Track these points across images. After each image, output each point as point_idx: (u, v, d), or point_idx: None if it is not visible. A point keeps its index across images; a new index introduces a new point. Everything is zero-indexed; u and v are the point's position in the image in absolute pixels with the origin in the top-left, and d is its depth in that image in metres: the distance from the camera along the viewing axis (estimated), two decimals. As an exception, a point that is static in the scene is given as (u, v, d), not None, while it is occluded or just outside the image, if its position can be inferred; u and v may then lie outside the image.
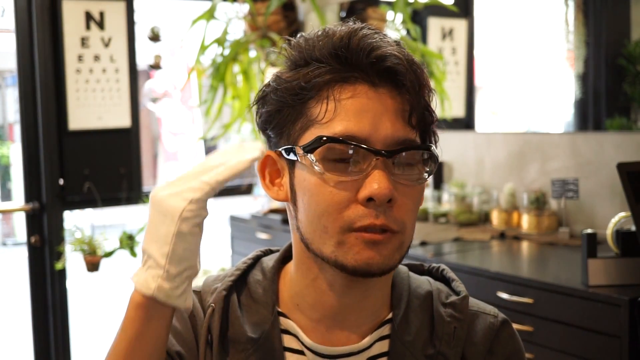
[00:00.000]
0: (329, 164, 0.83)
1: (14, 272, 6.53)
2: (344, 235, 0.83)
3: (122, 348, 0.80)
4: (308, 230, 0.86)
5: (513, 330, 0.98)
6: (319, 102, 0.85)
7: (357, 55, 0.84)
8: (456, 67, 3.91)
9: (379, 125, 0.83)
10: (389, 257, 0.84)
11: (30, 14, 2.91)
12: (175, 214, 0.78)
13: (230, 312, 0.92)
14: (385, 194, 0.81)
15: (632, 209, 1.96)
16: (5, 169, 8.67)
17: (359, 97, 0.84)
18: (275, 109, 0.88)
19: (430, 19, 3.78)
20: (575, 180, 2.69)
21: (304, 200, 0.86)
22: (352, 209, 0.83)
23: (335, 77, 0.85)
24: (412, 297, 0.95)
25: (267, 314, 0.91)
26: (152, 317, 0.80)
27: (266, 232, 3.44)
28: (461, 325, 0.93)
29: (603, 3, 4.05)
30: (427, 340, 0.93)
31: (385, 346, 0.92)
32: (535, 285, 2.28)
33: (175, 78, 7.94)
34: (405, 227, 0.85)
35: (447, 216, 3.34)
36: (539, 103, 4.86)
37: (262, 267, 0.97)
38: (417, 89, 0.85)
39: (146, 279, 0.79)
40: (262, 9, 2.92)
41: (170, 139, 9.94)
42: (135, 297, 0.80)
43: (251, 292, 0.94)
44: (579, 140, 3.02)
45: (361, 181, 0.83)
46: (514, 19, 4.90)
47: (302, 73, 0.86)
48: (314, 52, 0.86)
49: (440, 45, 3.84)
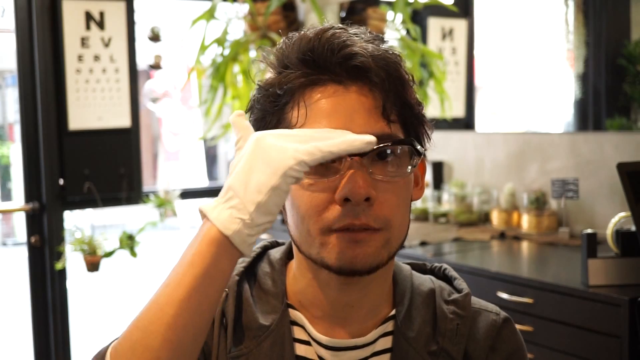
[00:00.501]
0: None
1: (14, 272, 6.53)
2: (325, 236, 0.84)
3: (188, 282, 0.75)
4: (295, 234, 0.88)
5: (515, 327, 0.99)
6: (293, 107, 0.87)
7: (323, 57, 0.85)
8: (456, 67, 3.91)
9: (351, 124, 0.83)
10: (373, 255, 0.84)
11: (30, 14, 2.91)
12: (280, 168, 0.75)
13: (243, 299, 0.93)
14: (360, 194, 0.81)
15: (632, 209, 1.96)
16: (5, 169, 8.67)
17: (329, 98, 0.85)
18: (259, 117, 0.90)
19: (430, 19, 3.78)
20: (575, 180, 2.69)
21: (289, 205, 0.88)
22: (331, 210, 0.83)
23: (305, 81, 0.86)
24: (414, 294, 0.96)
25: (277, 304, 0.93)
26: (223, 257, 0.76)
27: (266, 232, 3.45)
28: (464, 322, 0.94)
29: (603, 3, 4.05)
30: (429, 337, 0.93)
31: (388, 342, 0.93)
32: (535, 285, 2.28)
33: (175, 78, 7.94)
34: (390, 223, 0.85)
35: (447, 216, 3.34)
36: (539, 103, 4.86)
37: (270, 259, 0.98)
38: (387, 84, 0.85)
39: (228, 219, 0.76)
40: (262, 9, 2.92)
41: (170, 138, 9.94)
42: (210, 232, 0.76)
43: (261, 284, 0.95)
44: (579, 140, 3.02)
45: (338, 182, 0.83)
46: (514, 19, 4.90)
47: (277, 80, 0.88)
48: (285, 57, 0.88)
49: (440, 45, 3.84)
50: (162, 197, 3.18)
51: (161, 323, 0.75)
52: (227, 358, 0.90)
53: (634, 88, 3.85)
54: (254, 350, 0.90)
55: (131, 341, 0.76)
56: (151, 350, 0.75)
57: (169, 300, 0.76)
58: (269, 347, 0.90)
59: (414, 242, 2.88)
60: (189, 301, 0.75)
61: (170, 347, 0.75)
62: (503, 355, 0.95)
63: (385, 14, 3.15)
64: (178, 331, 0.75)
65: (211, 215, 0.77)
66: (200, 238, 0.77)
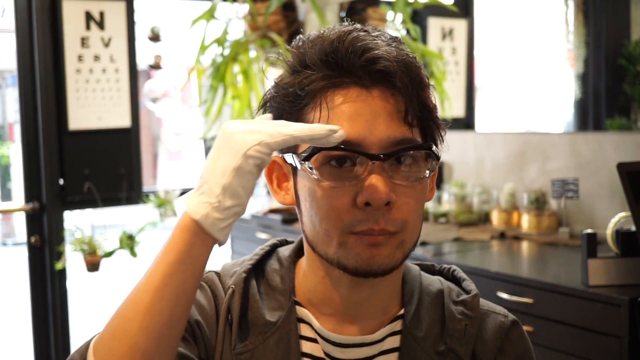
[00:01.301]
0: (326, 170, 0.84)
1: (14, 272, 6.53)
2: (345, 237, 0.85)
3: (163, 269, 0.78)
4: (312, 234, 0.88)
5: (522, 330, 0.99)
6: (313, 109, 0.86)
7: (347, 60, 0.84)
8: (456, 67, 3.91)
9: (373, 128, 0.84)
10: (389, 257, 0.85)
11: (30, 14, 2.91)
12: (241, 149, 0.77)
13: (249, 296, 0.93)
14: (382, 199, 0.82)
15: (632, 209, 1.96)
16: (5, 169, 8.67)
17: (351, 101, 0.84)
18: (275, 116, 0.89)
19: (430, 19, 3.78)
20: (575, 180, 2.69)
21: (306, 206, 0.88)
22: (352, 214, 0.84)
23: (327, 84, 0.85)
24: (423, 295, 0.97)
25: (285, 301, 0.93)
26: (195, 244, 0.79)
27: (266, 232, 3.44)
28: (472, 323, 0.94)
29: (603, 3, 4.05)
30: (437, 337, 0.94)
31: (396, 341, 0.94)
32: (535, 285, 2.28)
33: (175, 78, 7.94)
34: (406, 225, 0.86)
35: (447, 216, 3.34)
36: (539, 103, 4.86)
37: (279, 257, 0.98)
38: (410, 88, 0.85)
39: (197, 204, 0.78)
40: (262, 9, 2.92)
41: (171, 138, 9.94)
42: (183, 220, 0.79)
43: (269, 281, 0.96)
44: (579, 140, 3.02)
45: (359, 186, 0.83)
46: (514, 19, 4.90)
47: (297, 80, 0.87)
48: (307, 58, 0.87)
49: (440, 45, 3.84)
50: (162, 197, 3.18)
51: (138, 309, 0.78)
52: (232, 354, 0.90)
53: (634, 88, 3.85)
54: (259, 346, 0.91)
55: (111, 328, 0.79)
56: (129, 337, 0.77)
57: (145, 287, 0.78)
58: (275, 344, 0.91)
59: (414, 242, 2.88)
60: (164, 288, 0.78)
61: (147, 332, 0.77)
62: (511, 357, 0.96)
63: (385, 14, 3.15)
64: (154, 317, 0.77)
65: (184, 202, 0.79)
66: (175, 226, 0.80)
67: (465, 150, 3.56)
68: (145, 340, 0.77)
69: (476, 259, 2.67)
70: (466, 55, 3.94)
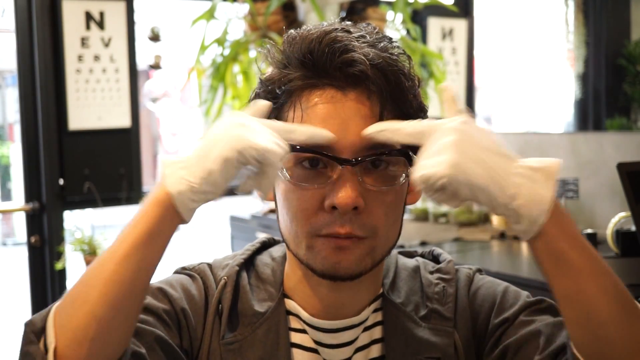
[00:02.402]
0: (299, 171, 0.85)
1: (14, 272, 6.53)
2: (312, 240, 0.85)
3: (130, 240, 0.78)
4: (285, 233, 0.89)
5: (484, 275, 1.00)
6: (290, 108, 0.87)
7: (323, 61, 0.84)
8: (456, 67, 3.91)
9: (346, 131, 0.83)
10: (356, 262, 0.85)
11: (30, 14, 2.90)
12: (237, 144, 0.77)
13: (240, 287, 0.94)
14: (348, 204, 0.82)
15: (632, 209, 1.96)
16: (5, 169, 8.67)
17: (326, 103, 0.84)
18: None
19: (430, 19, 3.78)
20: (575, 180, 2.69)
21: (279, 205, 0.89)
22: (319, 216, 0.84)
23: (303, 84, 0.85)
24: (399, 270, 0.98)
25: (274, 292, 0.93)
26: (165, 218, 0.78)
27: (266, 232, 3.44)
28: (449, 284, 0.95)
29: (603, 3, 4.05)
30: (418, 304, 0.94)
31: (379, 316, 0.94)
32: (535, 285, 2.28)
33: (175, 78, 7.94)
34: (376, 231, 0.85)
35: (447, 216, 3.34)
36: (539, 103, 4.86)
37: (271, 253, 0.99)
38: (385, 92, 0.84)
39: (177, 179, 0.77)
40: (262, 9, 2.92)
41: (169, 139, 9.94)
42: (158, 194, 0.78)
43: (259, 273, 0.96)
44: (579, 140, 3.02)
45: (328, 189, 0.83)
46: (514, 19, 4.90)
47: (277, 78, 0.88)
48: (287, 56, 0.88)
49: (440, 45, 3.84)
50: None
51: (100, 278, 0.77)
52: (220, 344, 0.91)
53: (634, 88, 3.85)
54: (248, 337, 0.91)
55: (72, 294, 0.79)
56: (88, 304, 0.77)
57: (111, 256, 0.78)
58: (264, 334, 0.91)
59: (414, 242, 2.88)
60: (128, 259, 0.77)
61: (106, 301, 0.76)
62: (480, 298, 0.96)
63: (385, 14, 3.15)
64: (115, 286, 0.77)
65: (165, 171, 0.78)
66: (149, 197, 0.79)
67: (465, 150, 3.55)
68: (104, 308, 0.76)
69: (476, 259, 2.67)
70: (466, 55, 3.94)
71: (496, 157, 0.75)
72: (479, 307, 0.94)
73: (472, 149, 0.75)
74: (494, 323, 0.92)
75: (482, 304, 0.94)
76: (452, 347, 0.92)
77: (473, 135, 0.76)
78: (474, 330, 0.94)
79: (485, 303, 0.94)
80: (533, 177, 0.75)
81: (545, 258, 0.77)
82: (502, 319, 0.91)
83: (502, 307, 0.93)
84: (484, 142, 0.76)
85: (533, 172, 0.75)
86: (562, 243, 0.76)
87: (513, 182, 0.74)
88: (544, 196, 0.75)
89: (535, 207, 0.74)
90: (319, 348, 0.92)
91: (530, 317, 0.89)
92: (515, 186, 0.74)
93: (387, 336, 0.93)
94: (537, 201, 0.75)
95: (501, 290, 0.95)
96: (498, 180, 0.74)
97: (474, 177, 0.74)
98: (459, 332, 0.93)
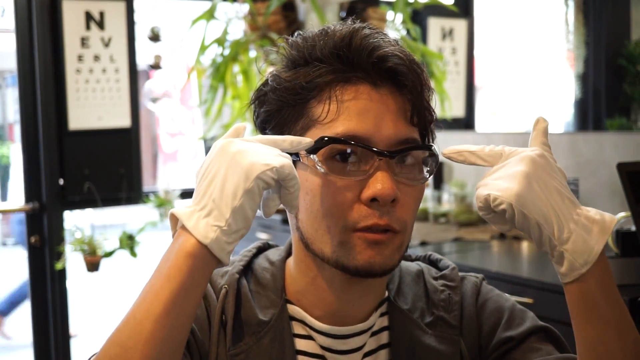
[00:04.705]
0: (332, 165, 0.84)
1: (14, 272, 6.53)
2: (346, 236, 0.84)
3: (166, 297, 0.74)
4: (309, 231, 0.87)
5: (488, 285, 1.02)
6: (320, 102, 0.85)
7: (358, 55, 0.84)
8: (456, 67, 3.91)
9: (381, 125, 0.84)
10: (390, 257, 0.85)
11: (30, 14, 2.90)
12: (253, 172, 0.75)
13: (242, 295, 0.92)
14: (389, 194, 0.82)
15: (632, 209, 1.96)
16: (5, 169, 8.67)
17: (360, 97, 0.84)
18: (275, 109, 0.88)
19: (430, 19, 3.78)
20: (575, 180, 2.69)
21: (307, 200, 0.86)
22: (356, 210, 0.83)
23: (337, 77, 0.85)
24: (404, 274, 0.98)
25: (276, 299, 0.92)
26: (199, 268, 0.76)
27: (266, 232, 3.44)
28: (454, 291, 0.96)
29: (603, 3, 4.05)
30: (423, 310, 0.95)
31: (385, 321, 0.94)
32: (535, 285, 2.28)
33: (175, 78, 7.94)
34: (407, 226, 0.86)
35: (447, 216, 3.34)
36: (539, 103, 4.86)
37: (268, 257, 0.98)
38: (418, 89, 0.86)
39: (205, 228, 0.75)
40: (262, 9, 2.92)
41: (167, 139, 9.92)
42: (187, 244, 0.75)
43: (259, 279, 0.95)
44: (579, 140, 3.02)
45: (364, 182, 0.83)
46: (514, 19, 4.90)
47: (302, 72, 0.86)
48: (315, 52, 0.86)
49: (440, 45, 3.84)
50: (162, 197, 3.18)
51: (139, 339, 0.74)
52: (227, 355, 0.89)
53: (634, 88, 3.85)
54: (253, 346, 0.90)
55: (109, 357, 0.74)
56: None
57: (147, 315, 0.74)
58: (269, 343, 0.90)
59: (414, 242, 2.88)
60: (167, 316, 0.75)
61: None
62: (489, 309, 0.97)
63: (385, 14, 3.15)
64: (156, 346, 0.74)
65: (188, 225, 0.76)
66: (177, 250, 0.76)
67: (465, 150, 3.55)
68: None
69: (476, 259, 2.67)
70: (466, 55, 3.94)
71: (560, 198, 0.78)
72: (486, 318, 0.96)
73: (541, 184, 0.78)
74: (500, 337, 0.94)
75: (489, 316, 0.96)
76: (458, 356, 0.93)
77: (545, 171, 0.79)
78: (478, 340, 0.95)
79: (492, 316, 0.96)
80: (588, 227, 0.78)
81: (576, 303, 0.80)
82: (508, 336, 0.93)
83: (509, 324, 0.95)
84: (554, 180, 0.79)
85: (590, 223, 0.78)
86: (596, 293, 0.79)
87: (569, 227, 0.77)
88: (593, 248, 0.77)
89: (581, 257, 0.77)
90: (327, 354, 0.92)
91: (538, 344, 0.93)
92: (570, 231, 0.77)
93: (394, 343, 0.93)
94: (586, 252, 0.77)
95: (509, 307, 0.97)
96: (556, 222, 0.77)
97: (534, 212, 0.76)
98: (464, 340, 0.94)
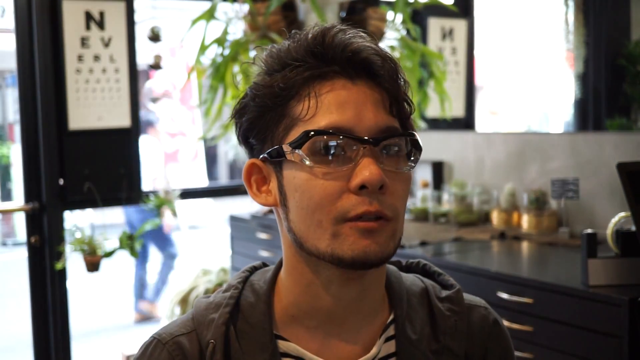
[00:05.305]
0: (317, 158, 0.84)
1: (14, 272, 6.53)
2: (338, 226, 0.84)
3: None
4: (301, 228, 0.86)
5: (504, 327, 1.02)
6: (300, 101, 0.86)
7: (333, 51, 0.86)
8: (456, 67, 3.91)
9: (361, 115, 0.85)
10: (385, 245, 0.85)
11: (30, 14, 2.91)
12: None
13: (230, 347, 0.90)
14: (378, 180, 0.82)
15: (632, 209, 1.96)
16: (5, 169, 8.67)
17: (338, 90, 0.86)
18: (256, 116, 0.89)
19: (430, 19, 3.79)
20: (575, 180, 2.69)
21: (296, 198, 0.86)
22: (345, 199, 0.84)
23: (313, 74, 0.86)
24: (409, 295, 0.96)
25: (266, 342, 0.89)
26: None
27: (266, 232, 3.44)
28: (461, 318, 0.95)
29: (603, 3, 4.05)
30: (430, 337, 0.94)
31: (391, 347, 0.93)
32: (535, 285, 2.28)
33: (175, 78, 7.93)
34: (398, 214, 0.86)
35: (447, 216, 3.34)
36: (539, 103, 4.86)
37: (253, 288, 0.94)
38: (394, 78, 0.87)
39: None
40: (262, 9, 2.92)
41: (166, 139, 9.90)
42: None
43: (246, 317, 0.91)
44: (579, 140, 3.02)
45: (351, 171, 0.84)
46: (514, 19, 4.90)
47: (279, 76, 0.87)
48: (290, 54, 0.88)
49: (440, 45, 3.84)
50: (162, 197, 3.18)
51: None
52: None
53: (634, 88, 3.85)
54: None
55: None
56: None
57: None
58: None
59: (414, 242, 2.88)
60: None
61: None
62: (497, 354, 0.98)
63: (385, 14, 3.15)
64: None
65: None
66: None
67: (465, 150, 3.56)
68: None
69: (476, 259, 2.67)
70: (466, 55, 3.94)
71: None
72: (490, 352, 0.98)
73: None
74: None
75: (494, 351, 0.98)
76: None
77: None
78: None
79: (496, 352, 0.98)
80: None
81: None
82: None
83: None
84: None
85: None
86: None
87: None
88: None
89: None
90: None
91: None
92: None
93: None
94: None
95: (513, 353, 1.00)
96: None
97: None
98: None
